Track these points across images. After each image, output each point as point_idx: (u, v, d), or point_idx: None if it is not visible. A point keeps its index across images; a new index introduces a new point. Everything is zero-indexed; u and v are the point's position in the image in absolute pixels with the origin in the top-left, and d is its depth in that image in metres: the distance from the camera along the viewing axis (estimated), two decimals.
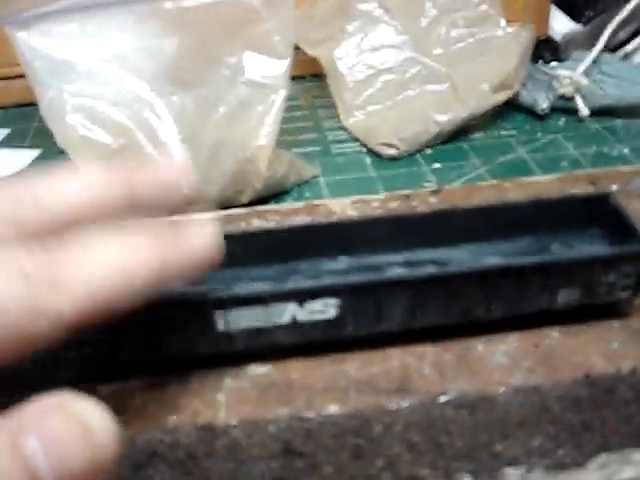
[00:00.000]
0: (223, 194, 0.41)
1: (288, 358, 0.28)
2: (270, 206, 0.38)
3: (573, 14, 0.61)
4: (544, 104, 0.52)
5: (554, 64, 0.58)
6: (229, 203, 0.41)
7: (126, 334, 0.25)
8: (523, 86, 0.53)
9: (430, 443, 0.27)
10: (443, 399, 0.26)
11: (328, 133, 0.52)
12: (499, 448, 0.27)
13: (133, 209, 0.23)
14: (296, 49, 0.44)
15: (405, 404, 0.26)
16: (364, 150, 0.50)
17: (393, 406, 0.26)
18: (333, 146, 0.51)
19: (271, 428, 0.25)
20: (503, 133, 0.51)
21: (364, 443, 0.26)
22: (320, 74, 0.57)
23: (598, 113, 0.52)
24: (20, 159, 0.50)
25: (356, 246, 0.30)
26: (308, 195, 0.45)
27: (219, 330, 0.26)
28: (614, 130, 0.51)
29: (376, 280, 0.26)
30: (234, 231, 0.32)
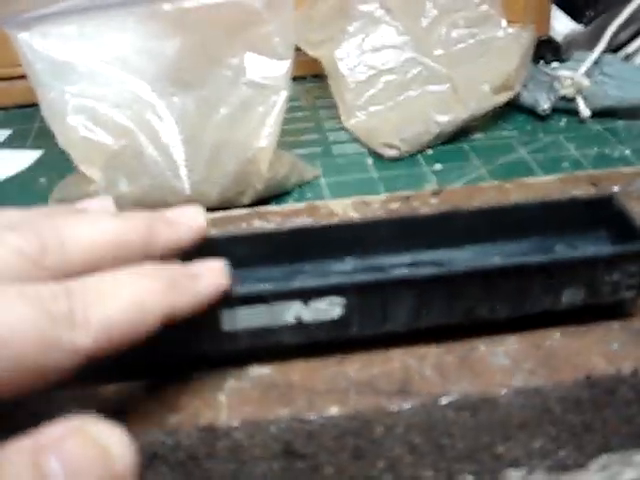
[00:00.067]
0: (224, 195, 0.41)
1: (289, 359, 0.28)
2: (271, 207, 0.38)
3: (574, 14, 0.61)
4: (545, 105, 0.52)
5: (555, 65, 0.57)
6: (230, 204, 0.41)
7: None
8: (524, 87, 0.53)
9: (431, 445, 0.27)
10: (444, 401, 0.26)
11: (329, 134, 0.52)
12: (501, 450, 0.27)
13: (147, 257, 0.24)
14: (297, 50, 0.44)
15: (406, 406, 0.26)
16: (365, 151, 0.50)
17: (394, 407, 0.26)
18: (334, 147, 0.51)
19: (272, 429, 0.25)
20: (504, 134, 0.51)
21: (365, 444, 0.26)
22: (321, 75, 0.57)
23: (599, 114, 0.52)
24: (21, 160, 0.50)
25: (362, 248, 0.30)
26: (309, 196, 0.45)
27: (224, 329, 0.26)
28: (615, 131, 0.51)
29: (382, 279, 0.26)
30: (240, 232, 0.32)
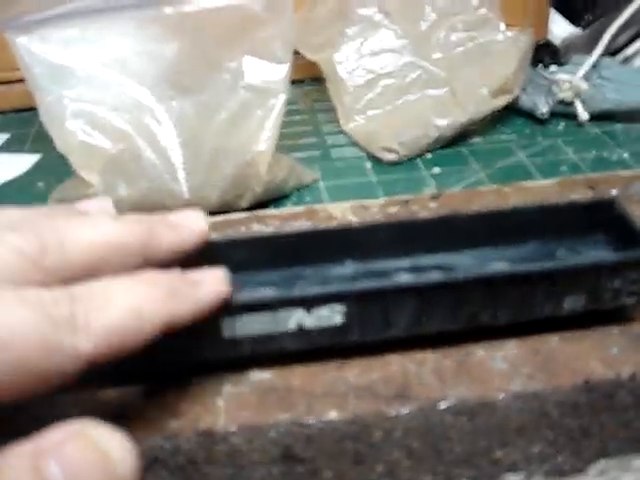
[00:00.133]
0: (223, 198, 0.41)
1: (288, 364, 0.28)
2: (270, 210, 0.38)
3: (572, 18, 0.61)
4: (544, 108, 0.52)
5: (554, 68, 0.57)
6: (229, 207, 0.41)
7: None
8: (523, 90, 0.53)
9: (430, 449, 0.27)
10: (443, 405, 0.26)
11: (328, 137, 0.52)
12: (499, 454, 0.27)
13: (147, 261, 0.24)
14: (295, 53, 0.44)
15: (405, 410, 0.26)
16: (364, 154, 0.50)
17: (393, 412, 0.26)
18: (333, 150, 0.51)
19: (271, 433, 0.25)
20: (503, 137, 0.51)
21: (364, 449, 0.26)
22: (320, 78, 0.57)
23: (598, 117, 0.52)
24: (19, 164, 0.50)
25: (362, 252, 0.30)
26: (308, 200, 0.45)
27: (225, 337, 0.26)
28: (614, 134, 0.51)
29: (383, 286, 0.26)
30: (239, 236, 0.32)
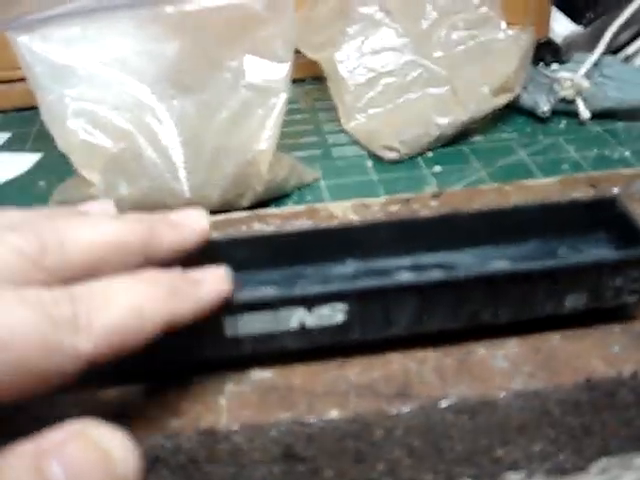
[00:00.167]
0: (224, 197, 0.41)
1: (289, 363, 0.28)
2: (271, 209, 0.38)
3: (574, 16, 0.61)
4: (545, 107, 0.52)
5: (555, 67, 0.57)
6: (230, 206, 0.41)
7: None
8: (524, 89, 0.53)
9: (431, 448, 0.27)
10: (444, 404, 0.26)
11: (329, 136, 0.52)
12: (500, 453, 0.27)
13: (148, 260, 0.24)
14: (296, 52, 0.44)
15: (406, 409, 0.26)
16: (365, 153, 0.50)
17: (394, 411, 0.26)
18: (334, 149, 0.51)
19: (272, 432, 0.25)
20: (504, 136, 0.51)
21: (365, 447, 0.26)
22: (320, 77, 0.57)
23: (599, 116, 0.52)
24: (20, 163, 0.50)
25: (363, 250, 0.30)
26: (309, 198, 0.45)
27: (227, 335, 0.26)
28: (615, 133, 0.51)
29: (385, 285, 0.26)
30: (240, 235, 0.32)
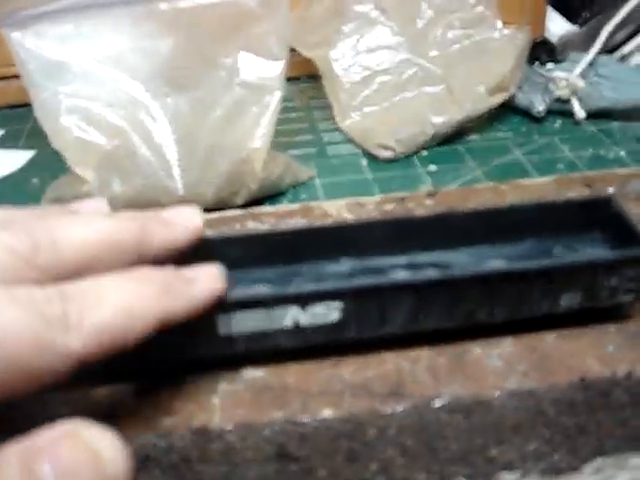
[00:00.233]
0: (218, 195, 0.41)
1: (283, 362, 0.27)
2: (265, 208, 0.38)
3: (569, 16, 0.61)
4: (540, 106, 0.52)
5: (550, 66, 0.57)
6: (224, 204, 0.41)
7: None
8: (519, 88, 0.53)
9: (424, 447, 0.27)
10: (437, 403, 0.26)
11: (324, 134, 0.52)
12: (494, 452, 0.27)
13: (141, 258, 0.24)
14: (291, 51, 0.43)
15: (399, 408, 0.26)
16: (360, 152, 0.49)
17: (387, 410, 0.26)
18: (328, 147, 0.50)
19: (265, 432, 0.25)
20: (499, 135, 0.51)
21: (358, 447, 0.26)
22: (315, 75, 0.57)
23: (594, 115, 0.52)
24: (14, 160, 0.50)
25: (358, 249, 0.30)
26: (303, 197, 0.44)
27: (220, 334, 0.26)
28: (610, 133, 0.51)
29: (380, 284, 0.26)
30: (234, 233, 0.32)
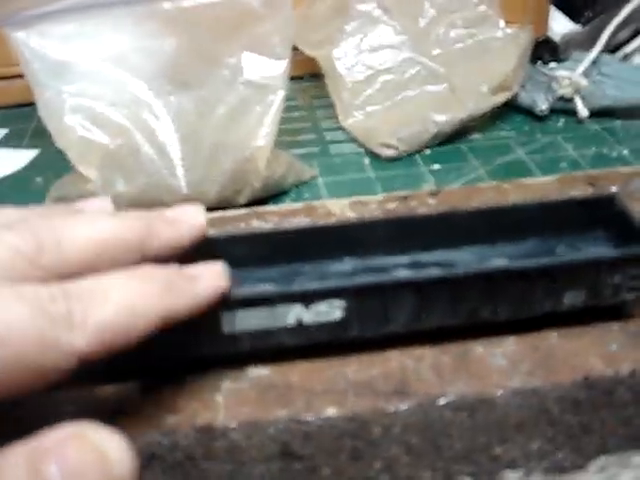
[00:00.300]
0: (221, 194, 0.41)
1: (287, 360, 0.28)
2: (269, 207, 0.38)
3: (572, 15, 0.61)
4: (543, 105, 0.52)
5: (553, 65, 0.57)
6: (227, 203, 0.41)
7: None
8: (522, 87, 0.53)
9: (429, 445, 0.27)
10: (442, 401, 0.26)
11: (326, 133, 0.52)
12: (498, 451, 0.27)
13: (145, 257, 0.24)
14: (294, 50, 0.43)
15: (404, 406, 0.26)
16: (362, 151, 0.49)
17: (392, 408, 0.26)
18: (331, 146, 0.50)
19: (270, 430, 0.25)
20: (502, 134, 0.51)
21: (362, 445, 0.26)
22: (318, 74, 0.57)
23: (597, 114, 0.52)
24: (18, 159, 0.50)
25: (361, 248, 0.30)
26: (306, 196, 0.44)
27: (224, 332, 0.26)
28: (613, 131, 0.51)
29: (383, 282, 0.26)
30: (238, 232, 0.32)
